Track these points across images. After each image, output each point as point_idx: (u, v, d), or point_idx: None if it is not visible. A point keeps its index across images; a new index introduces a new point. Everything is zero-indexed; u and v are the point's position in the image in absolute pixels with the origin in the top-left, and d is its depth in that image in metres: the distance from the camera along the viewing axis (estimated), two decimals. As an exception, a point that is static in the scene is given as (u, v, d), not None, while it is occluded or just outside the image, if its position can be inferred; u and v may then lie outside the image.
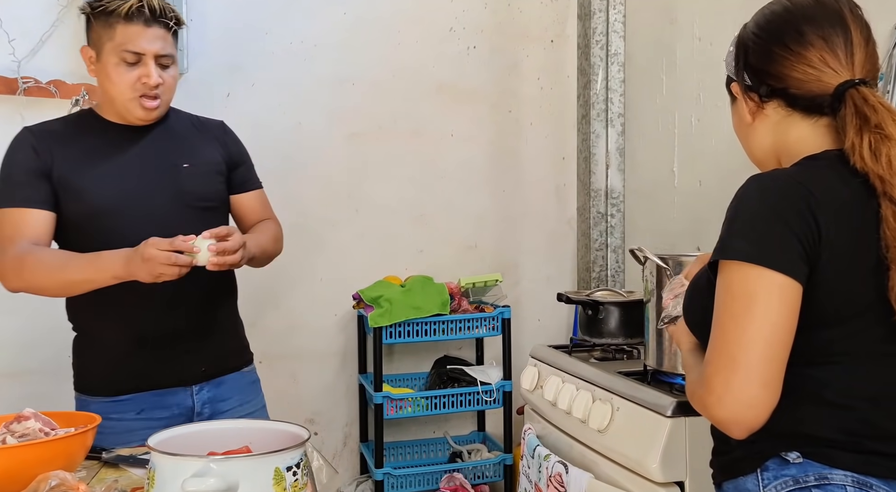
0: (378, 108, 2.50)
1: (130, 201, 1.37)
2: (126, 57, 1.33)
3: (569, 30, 2.69)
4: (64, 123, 1.45)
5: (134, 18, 1.32)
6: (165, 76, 1.37)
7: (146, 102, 1.37)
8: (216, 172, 1.48)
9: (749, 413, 0.84)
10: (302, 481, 0.92)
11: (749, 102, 0.98)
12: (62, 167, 1.36)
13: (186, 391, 1.44)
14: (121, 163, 1.39)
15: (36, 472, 0.94)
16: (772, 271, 0.84)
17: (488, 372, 2.38)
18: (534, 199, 2.69)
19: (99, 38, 1.35)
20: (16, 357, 2.14)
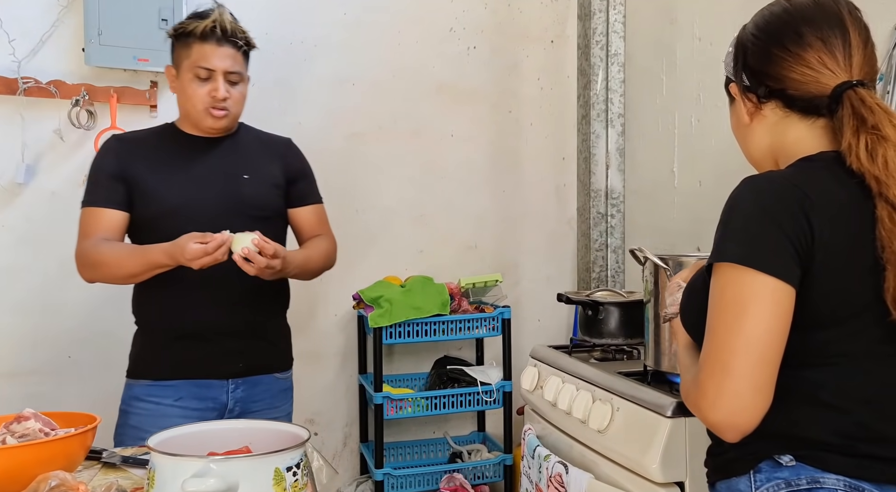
0: (378, 108, 2.50)
1: (191, 206, 1.51)
2: (199, 73, 1.50)
3: (569, 30, 2.69)
4: (147, 133, 1.62)
5: (207, 38, 1.49)
6: (233, 91, 1.53)
7: (214, 112, 1.53)
8: (273, 185, 1.60)
9: (741, 417, 0.84)
10: (302, 482, 0.92)
11: (747, 103, 0.98)
12: (137, 172, 1.52)
13: (222, 387, 1.54)
14: (188, 171, 1.55)
15: (36, 472, 0.94)
16: (764, 275, 0.84)
17: (488, 372, 2.38)
18: (534, 199, 2.69)
19: (179, 58, 1.53)
20: (16, 358, 2.14)
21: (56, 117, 2.15)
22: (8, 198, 2.14)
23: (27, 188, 2.14)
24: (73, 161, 2.18)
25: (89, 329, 2.19)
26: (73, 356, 2.20)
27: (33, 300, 2.16)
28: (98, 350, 2.19)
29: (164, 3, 2.14)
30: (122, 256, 1.47)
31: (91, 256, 1.48)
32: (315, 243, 1.65)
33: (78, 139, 2.17)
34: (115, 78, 2.19)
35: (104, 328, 2.20)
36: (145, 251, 1.46)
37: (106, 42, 2.10)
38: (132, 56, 2.12)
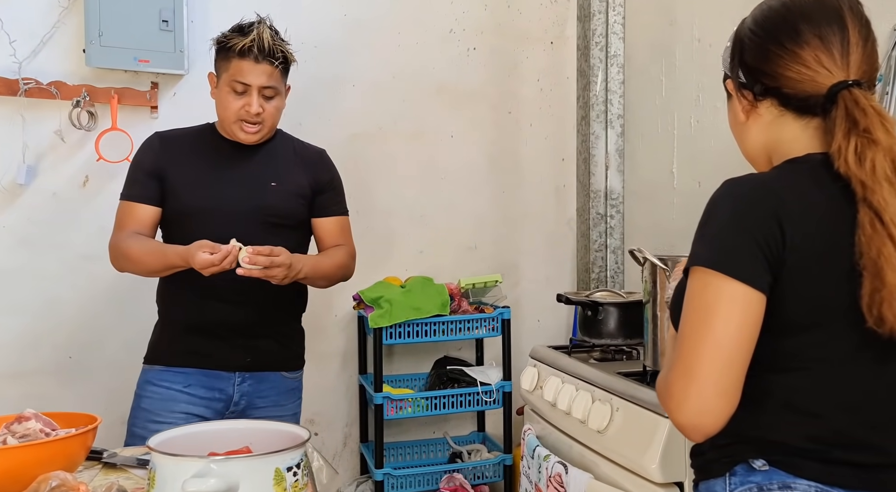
0: (378, 109, 2.50)
1: (215, 208, 1.57)
2: (235, 87, 1.56)
3: (568, 31, 2.70)
4: (187, 132, 1.68)
5: (245, 55, 1.54)
6: (267, 106, 1.58)
7: (246, 127, 1.58)
8: (298, 195, 1.64)
9: (704, 420, 0.84)
10: (302, 482, 0.92)
11: (743, 100, 0.97)
12: (172, 170, 1.59)
13: (230, 379, 1.59)
14: (219, 173, 1.60)
15: (37, 472, 0.94)
16: (734, 281, 0.84)
17: (488, 373, 2.38)
18: (533, 200, 2.69)
19: (219, 68, 1.59)
20: (17, 358, 2.14)
21: (57, 118, 2.15)
22: (9, 198, 2.14)
23: (28, 189, 2.15)
24: (73, 162, 2.18)
25: (90, 330, 2.20)
26: (73, 357, 2.20)
27: (34, 301, 2.16)
28: (98, 351, 2.19)
29: (164, 4, 2.15)
30: (145, 253, 1.54)
31: (120, 249, 1.56)
32: (331, 251, 1.69)
33: (78, 140, 2.18)
34: (115, 79, 2.19)
35: (105, 329, 2.20)
36: (164, 252, 1.53)
37: (107, 43, 2.10)
38: (133, 57, 2.13)
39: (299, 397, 1.72)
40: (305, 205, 1.66)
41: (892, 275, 0.81)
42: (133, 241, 1.56)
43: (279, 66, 1.57)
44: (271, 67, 1.56)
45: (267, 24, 1.59)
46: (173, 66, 2.17)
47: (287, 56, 1.60)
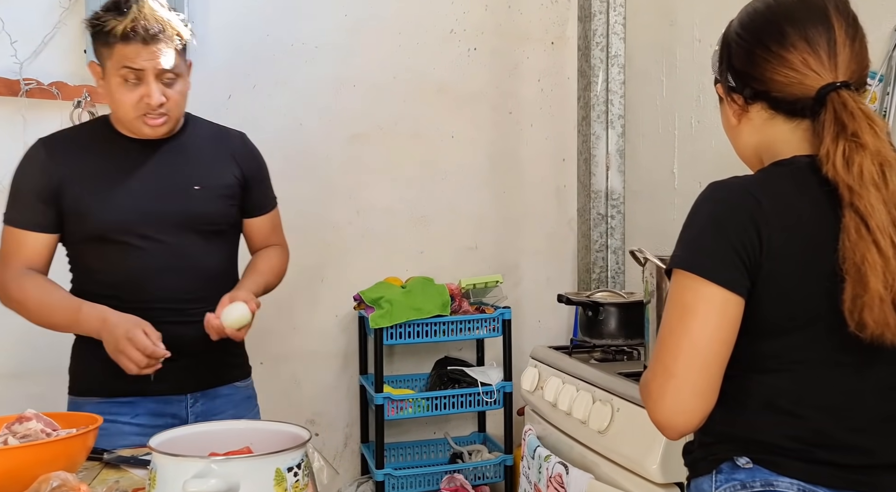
0: (379, 109, 2.50)
1: (136, 225, 1.35)
2: (126, 75, 1.29)
3: (569, 32, 2.70)
4: (78, 132, 1.44)
5: (131, 38, 1.27)
6: (170, 93, 1.33)
7: (150, 120, 1.34)
8: (227, 196, 1.44)
9: (680, 419, 0.86)
10: (303, 482, 0.92)
11: (733, 105, 0.97)
12: (69, 186, 1.34)
13: (181, 403, 1.43)
14: (129, 182, 1.36)
15: (38, 472, 0.94)
16: (709, 284, 0.85)
17: (489, 373, 2.38)
18: (534, 200, 2.69)
19: (101, 57, 1.33)
20: (17, 358, 2.14)
21: (58, 119, 2.15)
22: (9, 199, 2.14)
23: (29, 189, 2.15)
24: (74, 162, 2.18)
25: (90, 330, 2.19)
26: (74, 357, 2.20)
27: (35, 301, 2.16)
28: (99, 351, 2.19)
29: (165, 4, 2.14)
30: (50, 305, 1.33)
31: (12, 294, 1.35)
32: (267, 261, 1.53)
33: (79, 140, 2.18)
34: (116, 79, 2.19)
35: (105, 329, 2.20)
36: (77, 312, 1.30)
37: (107, 44, 2.10)
38: (133, 58, 2.12)
39: (256, 405, 1.57)
40: (235, 205, 1.45)
41: (876, 281, 0.81)
42: (30, 286, 1.32)
43: (176, 45, 1.31)
44: (165, 47, 1.29)
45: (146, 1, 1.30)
46: (174, 67, 2.17)
47: (179, 33, 1.32)
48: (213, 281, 1.43)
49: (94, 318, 1.29)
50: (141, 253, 1.35)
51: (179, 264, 1.39)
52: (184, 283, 1.37)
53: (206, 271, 1.42)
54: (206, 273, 1.42)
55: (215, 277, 1.44)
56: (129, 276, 1.36)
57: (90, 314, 1.29)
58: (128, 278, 1.36)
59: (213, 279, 1.43)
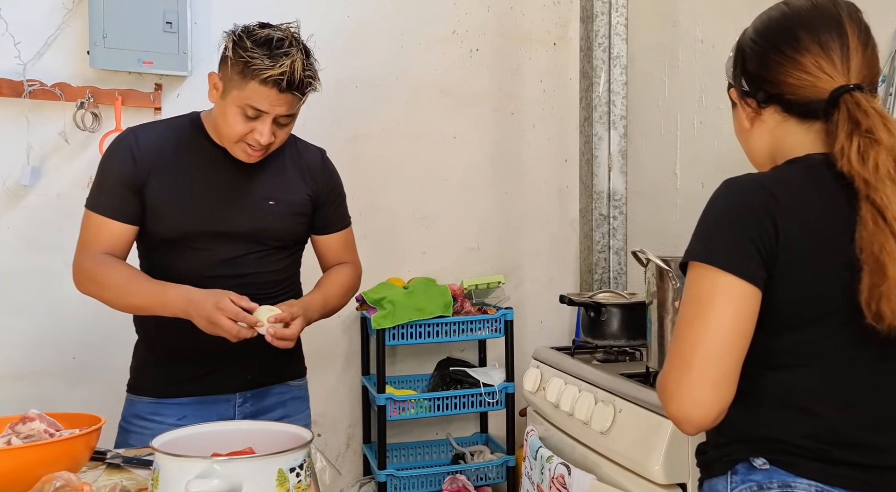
0: (381, 110, 2.50)
1: (208, 229, 1.37)
2: (247, 111, 1.31)
3: (571, 32, 2.70)
4: (168, 127, 1.43)
5: (269, 85, 1.28)
6: (279, 133, 1.36)
7: (251, 151, 1.35)
8: (299, 214, 1.45)
9: (697, 411, 0.85)
10: (305, 483, 0.92)
11: (746, 108, 0.99)
12: (155, 184, 1.36)
13: (229, 402, 1.43)
14: (210, 188, 1.38)
15: (41, 473, 0.95)
16: (728, 274, 0.85)
17: (491, 374, 2.38)
18: (536, 201, 2.69)
19: (229, 80, 1.31)
20: (21, 359, 2.15)
21: (61, 120, 2.16)
22: (13, 200, 2.15)
23: (32, 190, 2.15)
24: (78, 163, 2.19)
25: (93, 331, 2.20)
26: (77, 357, 2.21)
27: (38, 302, 2.17)
28: (102, 351, 2.20)
29: (168, 5, 2.15)
30: (134, 286, 1.32)
31: (95, 276, 1.35)
32: (334, 278, 1.52)
33: (83, 141, 2.18)
34: (119, 80, 2.20)
35: (108, 330, 2.20)
36: (163, 293, 1.29)
37: (111, 45, 2.11)
38: (136, 58, 2.13)
39: (307, 407, 1.56)
40: (306, 223, 1.48)
41: (894, 270, 0.82)
42: (112, 268, 1.33)
43: (305, 95, 1.35)
44: (294, 98, 1.32)
45: (301, 48, 1.33)
46: (177, 68, 2.18)
47: (316, 88, 1.36)
48: (269, 290, 1.43)
49: (180, 298, 1.28)
50: (205, 260, 1.37)
51: (240, 273, 1.40)
52: (241, 288, 1.35)
53: (264, 282, 1.42)
54: (264, 283, 1.42)
55: (272, 287, 1.44)
56: (191, 279, 1.35)
57: (177, 295, 1.29)
58: (190, 279, 1.36)
59: (269, 288, 1.43)
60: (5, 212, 2.15)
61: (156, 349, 1.43)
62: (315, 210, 1.49)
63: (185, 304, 1.28)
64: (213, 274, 1.38)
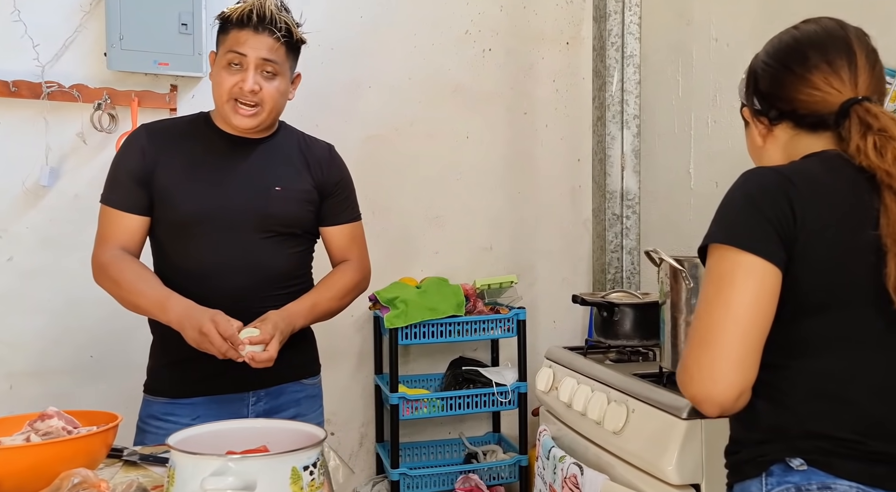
0: (394, 110, 2.51)
1: (215, 216, 1.39)
2: (231, 58, 1.36)
3: (584, 32, 2.69)
4: (178, 123, 1.49)
5: (244, 24, 1.36)
6: (266, 85, 1.38)
7: (240, 109, 1.38)
8: (305, 201, 1.46)
9: (717, 390, 0.84)
10: (318, 481, 0.93)
11: (759, 126, 1.02)
12: (163, 172, 1.40)
13: (242, 401, 1.44)
14: (217, 176, 1.41)
15: (59, 469, 0.96)
16: (748, 254, 0.86)
17: (503, 373, 2.38)
18: (549, 200, 2.69)
19: (218, 44, 1.41)
20: (39, 357, 2.18)
21: (79, 121, 2.18)
22: (32, 200, 2.18)
23: (51, 191, 2.18)
24: (95, 164, 2.21)
25: (110, 329, 2.23)
26: (94, 356, 2.23)
27: (56, 300, 2.20)
28: (119, 350, 2.22)
29: (183, 7, 2.17)
30: (142, 288, 1.35)
31: (110, 272, 1.38)
32: (329, 282, 1.51)
33: (100, 142, 2.21)
34: (135, 82, 2.22)
35: (125, 328, 2.22)
36: (166, 300, 1.32)
37: (127, 47, 2.13)
38: (152, 60, 2.16)
39: (321, 405, 1.56)
40: (313, 211, 1.48)
41: None
42: (124, 266, 1.37)
43: (282, 41, 1.38)
44: (272, 40, 1.36)
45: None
46: (192, 69, 2.20)
47: (292, 30, 1.39)
48: (280, 283, 1.44)
49: (180, 306, 1.31)
50: (213, 247, 1.38)
51: (248, 263, 1.40)
52: (250, 281, 1.37)
53: (274, 273, 1.43)
54: (274, 274, 1.43)
55: (282, 279, 1.44)
56: (201, 268, 1.38)
57: (178, 303, 1.31)
58: (199, 271, 1.39)
59: (279, 281, 1.43)
60: (24, 212, 2.18)
61: (169, 349, 1.44)
62: (322, 200, 1.50)
63: (182, 312, 1.30)
64: (223, 265, 1.39)
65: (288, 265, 1.46)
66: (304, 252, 1.51)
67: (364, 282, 1.58)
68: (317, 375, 1.57)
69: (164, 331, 1.44)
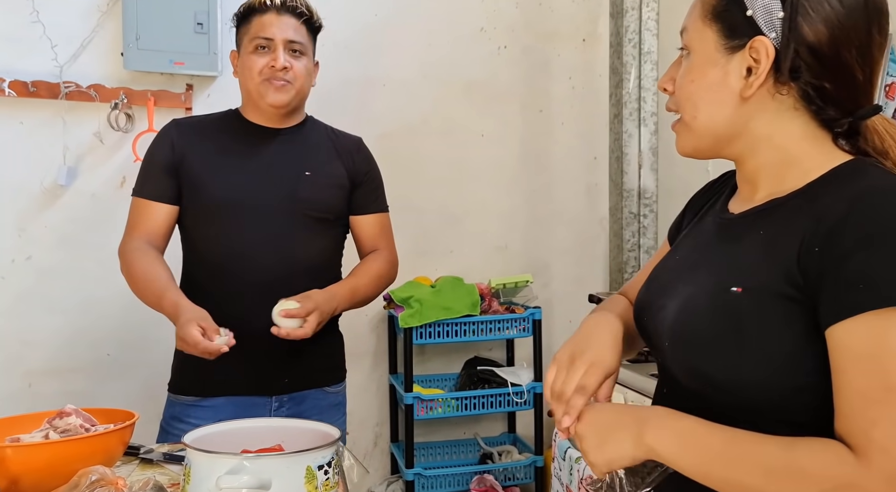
0: (408, 108, 2.50)
1: (245, 201, 1.41)
2: (259, 43, 1.41)
3: (601, 28, 2.67)
4: (208, 118, 1.53)
5: (266, 9, 1.41)
6: (295, 63, 1.43)
7: (275, 83, 1.42)
8: (336, 185, 1.49)
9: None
10: (333, 480, 0.93)
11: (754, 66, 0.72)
12: (192, 162, 1.43)
13: (265, 405, 1.44)
14: (245, 163, 1.44)
15: (77, 467, 0.96)
16: None
17: (519, 373, 2.36)
18: (565, 199, 2.67)
19: (241, 39, 1.46)
20: (56, 355, 2.20)
21: (96, 120, 2.20)
22: (50, 199, 2.20)
23: (68, 190, 2.20)
24: (112, 163, 2.23)
25: (127, 327, 2.24)
26: (111, 354, 2.25)
27: (73, 299, 2.22)
28: (135, 348, 2.24)
29: (199, 7, 2.18)
30: (147, 282, 1.38)
31: (126, 263, 1.42)
32: (365, 267, 1.53)
33: (117, 142, 2.23)
34: (152, 81, 2.23)
35: (142, 326, 2.24)
36: (163, 294, 1.35)
37: (143, 47, 2.15)
38: (168, 60, 2.17)
39: (344, 413, 1.56)
40: (344, 197, 1.49)
41: None
42: (144, 260, 1.39)
43: (303, 22, 1.43)
44: (295, 21, 1.42)
45: None
46: (207, 68, 2.21)
47: (312, 11, 1.45)
48: (309, 272, 1.43)
49: (171, 307, 1.33)
50: (242, 234, 1.39)
51: (278, 250, 1.40)
52: (280, 269, 1.38)
53: (303, 262, 1.43)
54: (303, 263, 1.42)
55: (312, 269, 1.44)
56: (230, 256, 1.39)
57: (170, 303, 1.34)
58: (228, 259, 1.40)
59: (309, 270, 1.43)
60: (43, 211, 2.19)
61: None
62: (352, 189, 1.52)
63: (172, 315, 1.32)
64: (252, 252, 1.39)
65: (318, 254, 1.46)
66: (334, 242, 1.51)
67: (393, 272, 1.58)
68: (341, 382, 1.57)
69: None
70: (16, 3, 2.12)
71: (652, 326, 0.83)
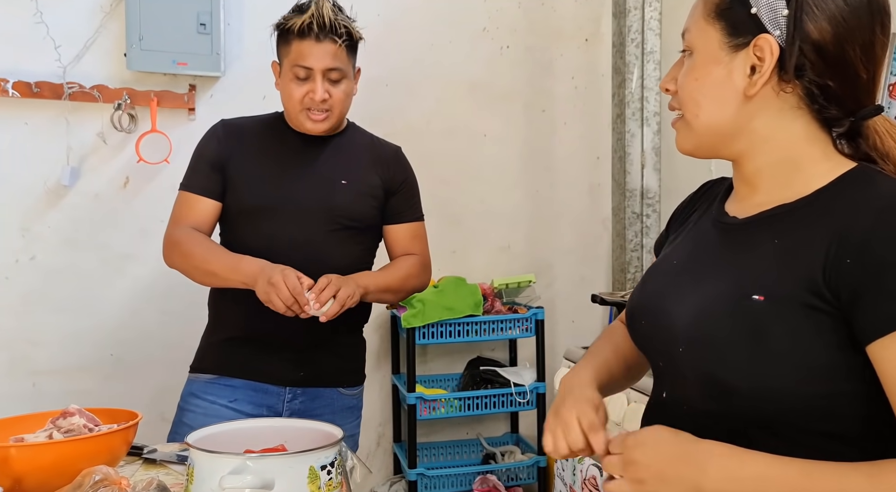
0: (411, 108, 2.50)
1: (280, 205, 1.44)
2: (297, 72, 1.41)
3: (603, 28, 2.66)
4: (254, 120, 1.55)
5: (305, 35, 1.40)
6: (334, 91, 1.43)
7: (313, 115, 1.44)
8: (370, 195, 1.50)
9: None
10: (336, 480, 0.93)
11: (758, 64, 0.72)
12: (236, 162, 1.47)
13: (279, 395, 1.47)
14: (284, 168, 1.47)
15: (81, 466, 0.96)
16: None
17: (522, 373, 2.36)
18: (568, 199, 2.66)
19: (281, 55, 1.46)
20: (60, 355, 2.20)
21: (99, 121, 2.20)
22: (54, 200, 2.20)
23: (72, 190, 2.20)
24: (115, 164, 2.23)
25: (130, 328, 2.25)
26: (114, 354, 2.25)
27: (76, 299, 2.22)
28: (139, 348, 2.24)
29: (202, 7, 2.18)
30: (214, 254, 1.40)
31: (179, 247, 1.43)
32: (398, 262, 1.55)
33: (120, 142, 2.23)
34: (155, 82, 2.23)
35: (145, 327, 2.25)
36: (240, 259, 1.38)
37: (147, 47, 2.15)
38: (171, 60, 2.17)
39: (358, 416, 1.57)
40: (377, 207, 1.51)
41: None
42: (195, 240, 1.42)
43: (343, 44, 1.41)
44: (334, 46, 1.40)
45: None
46: (210, 69, 2.21)
47: (352, 32, 1.44)
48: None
49: (255, 264, 1.35)
50: (275, 237, 1.42)
51: (310, 255, 1.42)
52: (309, 272, 1.37)
53: (333, 267, 1.42)
54: (332, 268, 1.42)
55: (341, 274, 1.43)
56: (263, 256, 1.39)
57: (252, 261, 1.36)
58: (261, 258, 1.40)
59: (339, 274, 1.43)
60: (46, 211, 2.20)
61: (223, 326, 1.50)
62: (387, 198, 1.53)
63: (256, 266, 1.34)
64: (286, 254, 1.41)
65: (349, 262, 1.47)
66: (365, 250, 1.53)
67: (425, 274, 1.59)
68: (358, 385, 1.57)
69: (220, 309, 1.51)
70: (19, 4, 2.13)
71: (653, 331, 0.82)
